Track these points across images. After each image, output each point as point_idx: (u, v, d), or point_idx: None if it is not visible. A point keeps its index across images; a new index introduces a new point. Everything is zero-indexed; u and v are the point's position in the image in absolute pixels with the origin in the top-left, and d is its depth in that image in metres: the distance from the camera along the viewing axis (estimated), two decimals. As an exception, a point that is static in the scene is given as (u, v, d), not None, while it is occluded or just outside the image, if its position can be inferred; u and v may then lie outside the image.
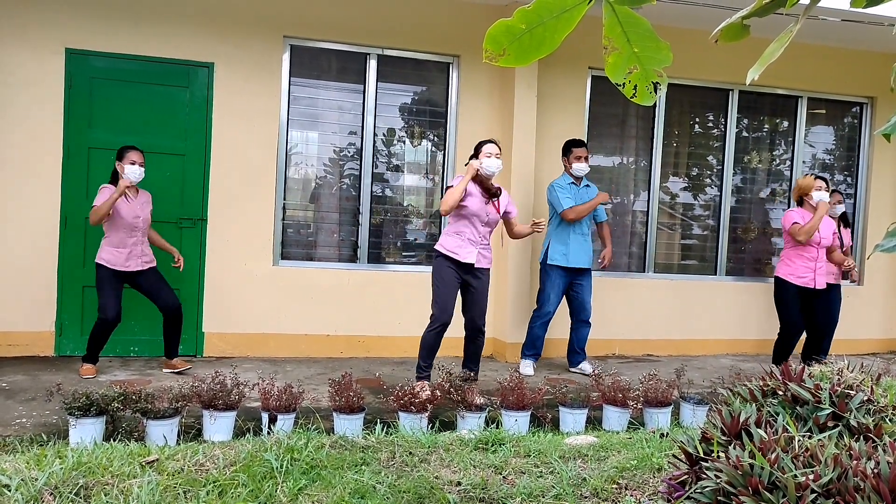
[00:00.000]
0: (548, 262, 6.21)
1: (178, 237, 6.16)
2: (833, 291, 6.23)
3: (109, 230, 5.37)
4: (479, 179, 5.12)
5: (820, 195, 5.90)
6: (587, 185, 6.29)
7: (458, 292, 5.16)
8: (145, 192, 5.59)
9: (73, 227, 5.94)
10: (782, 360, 5.95)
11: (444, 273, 5.08)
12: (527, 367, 6.16)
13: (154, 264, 5.58)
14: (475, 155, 5.17)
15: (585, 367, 6.29)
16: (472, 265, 5.10)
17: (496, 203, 5.18)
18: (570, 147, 6.24)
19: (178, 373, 5.58)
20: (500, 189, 5.21)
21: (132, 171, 5.29)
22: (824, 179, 6.03)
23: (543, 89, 6.77)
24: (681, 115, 7.58)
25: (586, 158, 6.17)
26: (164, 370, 5.67)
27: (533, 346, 6.23)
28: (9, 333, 5.92)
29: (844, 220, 6.83)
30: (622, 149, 7.44)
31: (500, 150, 5.18)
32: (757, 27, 1.61)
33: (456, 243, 5.09)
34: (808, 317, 6.11)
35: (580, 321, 6.31)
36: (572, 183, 6.20)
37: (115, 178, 5.38)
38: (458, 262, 5.07)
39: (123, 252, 5.38)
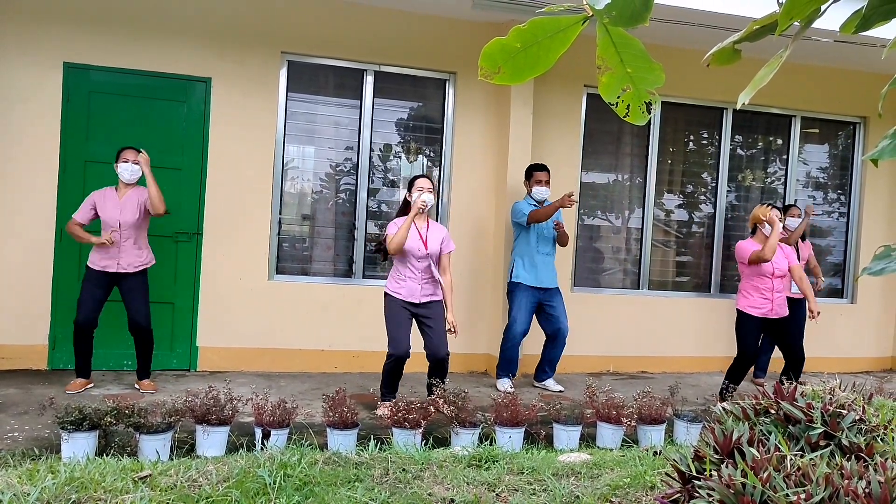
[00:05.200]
0: (513, 280, 6.23)
1: (174, 251, 6.16)
2: (799, 309, 6.33)
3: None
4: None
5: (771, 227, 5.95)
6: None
7: (411, 325, 5.18)
8: (141, 189, 5.43)
9: (69, 241, 5.93)
10: (735, 382, 5.92)
11: (394, 309, 5.13)
12: (504, 384, 6.15)
13: (141, 268, 5.39)
14: (409, 189, 5.24)
15: (551, 384, 6.29)
16: (419, 302, 5.14)
17: (423, 238, 5.18)
18: (531, 171, 6.27)
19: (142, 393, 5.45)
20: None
21: (123, 170, 5.32)
22: (778, 209, 6.06)
23: (539, 106, 6.82)
24: (675, 133, 7.62)
25: (547, 182, 6.20)
26: (135, 385, 5.63)
27: (508, 366, 6.22)
28: (2, 346, 5.90)
29: (801, 236, 6.97)
30: (617, 166, 7.48)
31: (431, 184, 5.22)
32: (751, 48, 1.63)
33: (398, 284, 5.16)
34: (778, 341, 6.13)
35: (555, 339, 6.28)
36: (535, 205, 6.21)
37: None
38: (401, 300, 5.14)
39: (100, 250, 5.30)
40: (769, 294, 5.90)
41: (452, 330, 5.16)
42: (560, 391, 6.13)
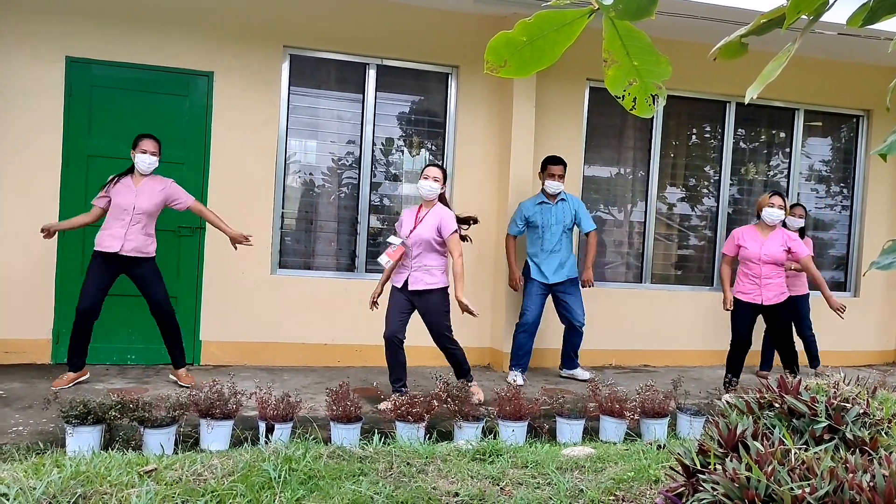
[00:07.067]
0: (524, 273, 6.39)
1: (177, 245, 6.16)
2: (783, 307, 6.06)
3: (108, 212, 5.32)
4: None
5: (769, 212, 5.94)
6: (563, 200, 6.31)
7: (408, 312, 5.34)
8: (161, 179, 5.41)
9: (71, 235, 5.93)
10: (732, 372, 6.02)
11: (391, 296, 5.38)
12: (515, 376, 6.17)
13: (148, 256, 5.33)
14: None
15: (579, 373, 6.41)
16: (408, 289, 5.28)
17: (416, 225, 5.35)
18: (545, 164, 6.30)
19: (181, 386, 5.36)
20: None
21: (141, 161, 5.28)
22: (782, 196, 6.03)
23: (542, 100, 6.80)
24: (678, 127, 7.61)
25: (561, 176, 6.22)
26: (170, 376, 5.64)
27: (518, 356, 6.25)
28: (5, 341, 5.91)
29: (800, 234, 6.84)
30: (620, 159, 7.47)
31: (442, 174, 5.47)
32: (754, 41, 1.62)
33: (396, 270, 5.40)
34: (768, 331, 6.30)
35: (570, 329, 6.39)
36: (543, 202, 6.26)
37: (131, 167, 5.36)
38: (395, 286, 5.37)
39: (106, 232, 5.24)
40: (758, 280, 5.94)
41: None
42: (590, 378, 6.04)
